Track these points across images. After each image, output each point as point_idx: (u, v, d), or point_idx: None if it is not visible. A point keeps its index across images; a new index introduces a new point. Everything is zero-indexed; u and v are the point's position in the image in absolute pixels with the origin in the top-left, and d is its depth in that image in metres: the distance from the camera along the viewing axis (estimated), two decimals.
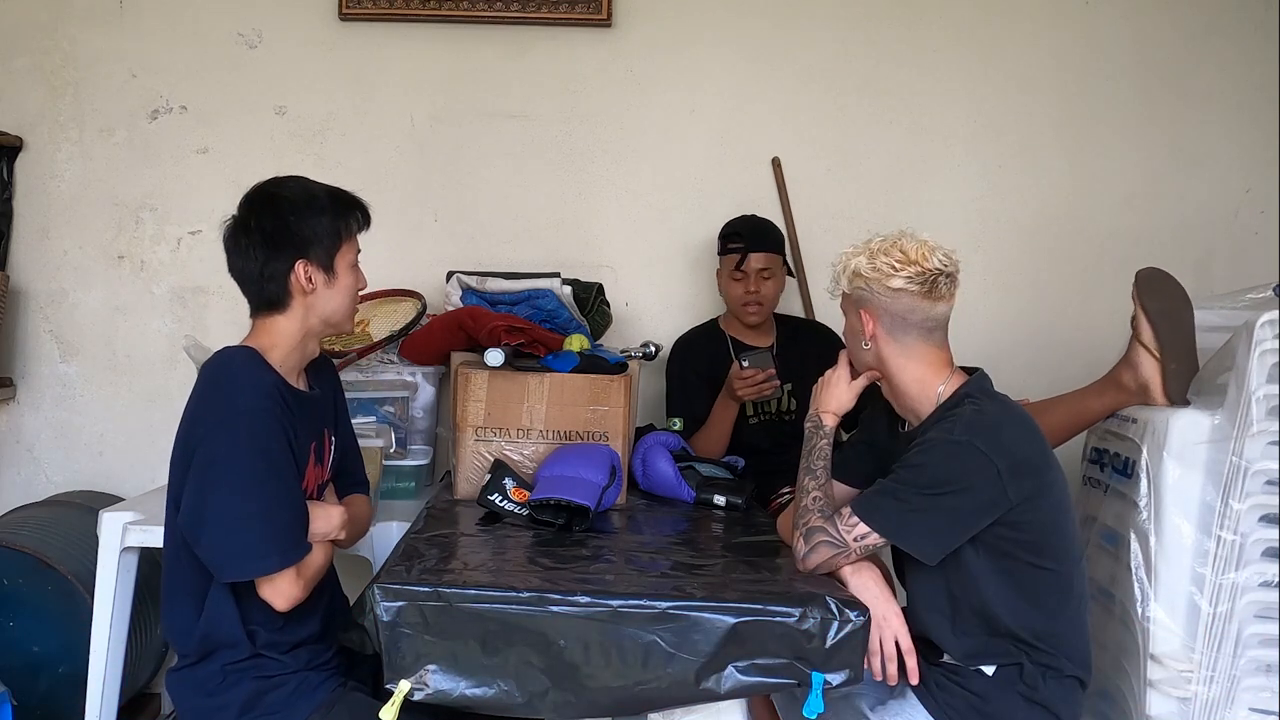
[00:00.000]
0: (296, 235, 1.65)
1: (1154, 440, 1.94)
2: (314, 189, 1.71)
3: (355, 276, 1.74)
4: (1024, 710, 1.66)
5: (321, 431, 1.77)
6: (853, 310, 1.79)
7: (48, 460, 2.96)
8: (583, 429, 2.18)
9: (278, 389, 1.62)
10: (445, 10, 2.89)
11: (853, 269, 1.75)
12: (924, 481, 1.63)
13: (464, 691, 1.49)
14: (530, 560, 1.71)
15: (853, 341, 1.82)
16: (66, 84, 2.93)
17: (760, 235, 2.63)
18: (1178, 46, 2.92)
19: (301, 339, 1.70)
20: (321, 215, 1.67)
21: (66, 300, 2.95)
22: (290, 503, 1.60)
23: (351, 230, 1.72)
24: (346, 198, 1.73)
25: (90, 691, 2.20)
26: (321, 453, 1.76)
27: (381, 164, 2.94)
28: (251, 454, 1.55)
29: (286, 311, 1.68)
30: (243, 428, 1.56)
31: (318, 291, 1.68)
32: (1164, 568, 1.88)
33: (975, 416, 1.66)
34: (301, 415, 1.67)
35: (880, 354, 1.76)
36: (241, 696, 1.61)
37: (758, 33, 2.93)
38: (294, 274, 1.65)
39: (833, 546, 1.66)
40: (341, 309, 1.72)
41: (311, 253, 1.66)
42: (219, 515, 1.54)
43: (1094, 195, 2.93)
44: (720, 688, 1.50)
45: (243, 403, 1.57)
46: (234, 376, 1.61)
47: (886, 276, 1.70)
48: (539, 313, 2.53)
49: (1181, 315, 2.05)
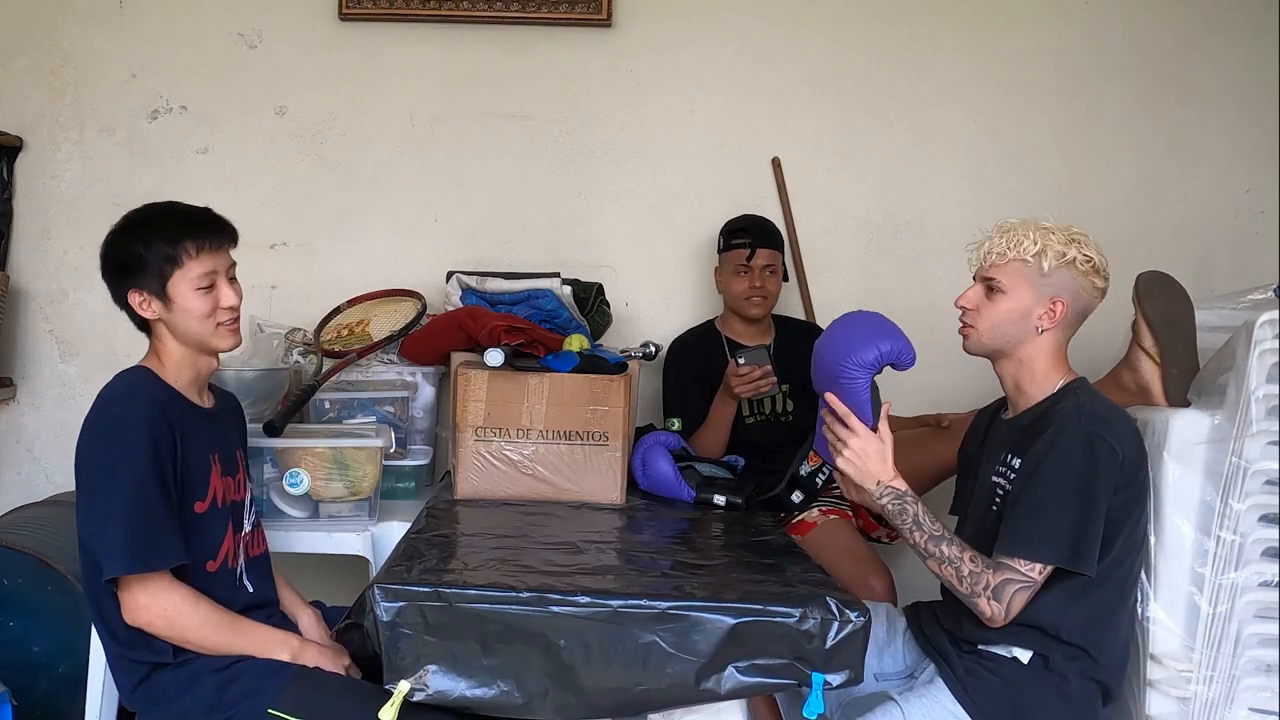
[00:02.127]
0: (122, 265, 1.68)
1: (1154, 440, 1.93)
2: (149, 215, 1.71)
3: (203, 299, 1.67)
4: (1056, 703, 1.66)
5: (228, 447, 1.78)
6: (1038, 293, 1.72)
7: (48, 460, 2.96)
8: (583, 429, 2.18)
9: (159, 403, 1.62)
10: (445, 10, 2.88)
11: (1067, 256, 1.71)
12: (1068, 490, 1.62)
13: (464, 692, 1.49)
14: (530, 560, 1.71)
15: (1017, 323, 1.74)
16: (66, 84, 2.93)
17: (765, 232, 2.65)
18: (1177, 46, 2.93)
19: (181, 357, 1.71)
20: (143, 242, 1.66)
21: (66, 300, 2.95)
22: (148, 509, 1.57)
23: (187, 253, 1.65)
24: (183, 218, 1.70)
25: (90, 691, 2.19)
26: (232, 467, 1.77)
27: (381, 164, 2.94)
28: (115, 460, 1.57)
29: (155, 334, 1.71)
30: (108, 437, 1.59)
31: (164, 317, 1.68)
32: (1164, 568, 1.88)
33: (1096, 405, 1.68)
34: (195, 428, 1.68)
35: (1041, 340, 1.74)
36: (204, 697, 1.59)
37: (758, 32, 2.93)
38: (130, 302, 1.68)
39: (1025, 589, 1.63)
40: (195, 331, 1.69)
41: (141, 281, 1.67)
42: (90, 517, 1.57)
43: (1094, 195, 2.93)
44: (720, 688, 1.50)
45: (113, 412, 1.61)
46: (113, 391, 1.66)
47: (1095, 273, 1.73)
48: (539, 313, 2.53)
49: (1183, 319, 2.05)
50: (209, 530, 1.69)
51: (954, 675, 1.71)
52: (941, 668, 1.75)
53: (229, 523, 1.73)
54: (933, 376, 2.16)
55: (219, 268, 1.70)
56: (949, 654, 1.74)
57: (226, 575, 1.71)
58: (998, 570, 1.63)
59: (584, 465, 2.17)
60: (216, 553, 1.69)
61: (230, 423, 1.86)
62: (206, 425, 1.72)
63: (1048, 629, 1.67)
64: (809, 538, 2.35)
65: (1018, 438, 1.75)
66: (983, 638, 1.71)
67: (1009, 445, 1.77)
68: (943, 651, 1.77)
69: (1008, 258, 1.74)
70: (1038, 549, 1.62)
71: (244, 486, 1.81)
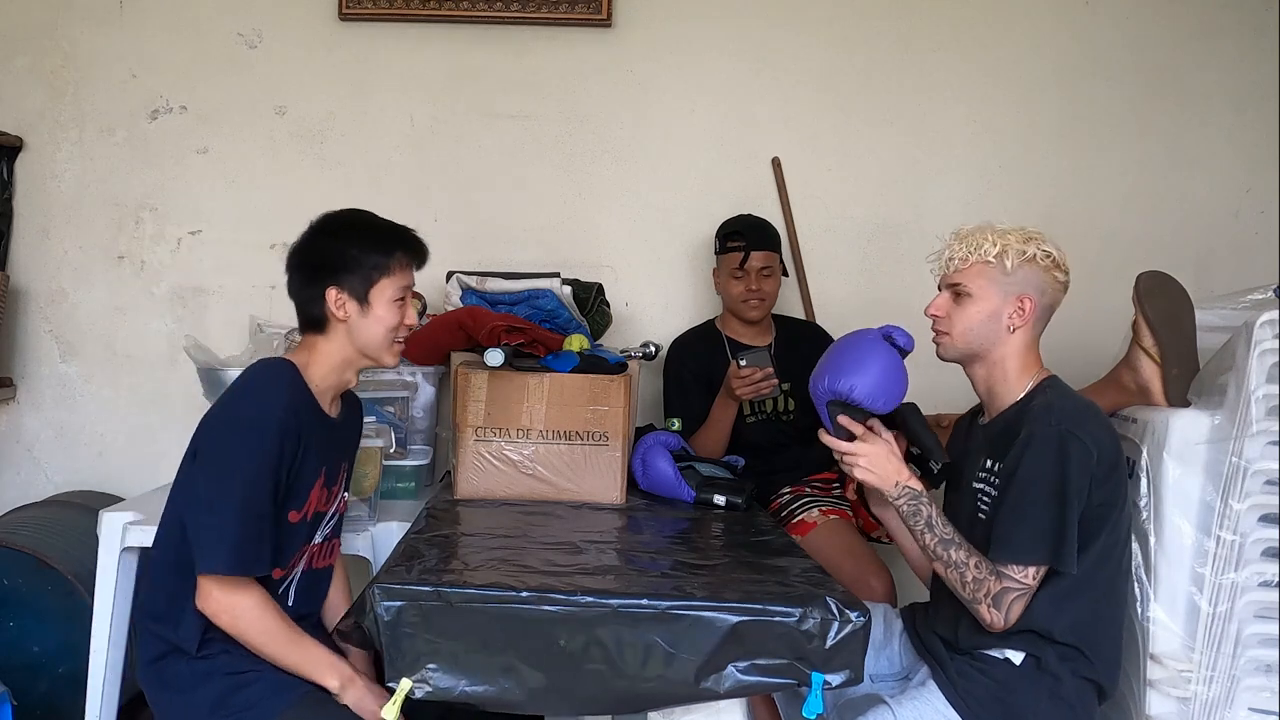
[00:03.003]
0: (328, 262, 1.71)
1: (1154, 440, 1.93)
2: (363, 220, 1.76)
3: (395, 312, 1.73)
4: (1048, 704, 1.66)
5: (336, 460, 1.79)
6: (1004, 292, 1.75)
7: (48, 460, 2.96)
8: (583, 429, 2.18)
9: (294, 408, 1.64)
10: (445, 10, 2.89)
11: (1027, 254, 1.73)
12: (1045, 491, 1.63)
13: (465, 689, 1.49)
14: (530, 560, 1.71)
15: (987, 325, 1.76)
16: (66, 84, 2.93)
17: (760, 233, 2.64)
18: (1177, 46, 2.93)
19: (340, 363, 1.74)
20: (359, 245, 1.71)
21: (66, 300, 2.95)
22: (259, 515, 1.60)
23: (392, 266, 1.72)
24: (395, 234, 1.76)
25: (90, 691, 2.20)
26: (333, 479, 1.78)
27: (381, 164, 2.94)
28: (240, 456, 1.59)
29: (326, 334, 1.74)
30: (241, 430, 1.61)
31: (352, 320, 1.71)
32: (1164, 568, 1.88)
33: (1065, 403, 1.69)
34: (318, 438, 1.69)
35: (1013, 340, 1.76)
36: (212, 695, 1.61)
37: (758, 33, 2.93)
38: (326, 299, 1.70)
39: (1022, 595, 1.64)
40: (375, 341, 1.73)
41: (345, 281, 1.70)
42: (199, 498, 1.60)
43: (1094, 195, 2.94)
44: (720, 688, 1.50)
45: (251, 406, 1.63)
46: (257, 381, 1.67)
47: (1056, 268, 1.75)
48: (539, 313, 2.53)
49: (1183, 319, 2.05)
50: (290, 541, 1.70)
51: (946, 678, 1.71)
52: (935, 670, 1.76)
53: (308, 534, 1.75)
54: (932, 377, 2.16)
55: (409, 286, 1.76)
56: (942, 657, 1.75)
57: (273, 584, 1.70)
58: (999, 578, 1.64)
59: (584, 465, 2.17)
60: (285, 563, 1.71)
61: (348, 434, 1.87)
62: (326, 435, 1.74)
63: (1040, 630, 1.67)
64: (809, 538, 2.35)
65: (995, 442, 1.76)
66: (977, 642, 1.71)
67: (987, 450, 1.78)
68: (936, 654, 1.77)
69: (970, 262, 1.77)
70: (1023, 553, 1.63)
71: (336, 498, 1.83)
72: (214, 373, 2.35)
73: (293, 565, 1.73)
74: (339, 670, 1.63)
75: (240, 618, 1.59)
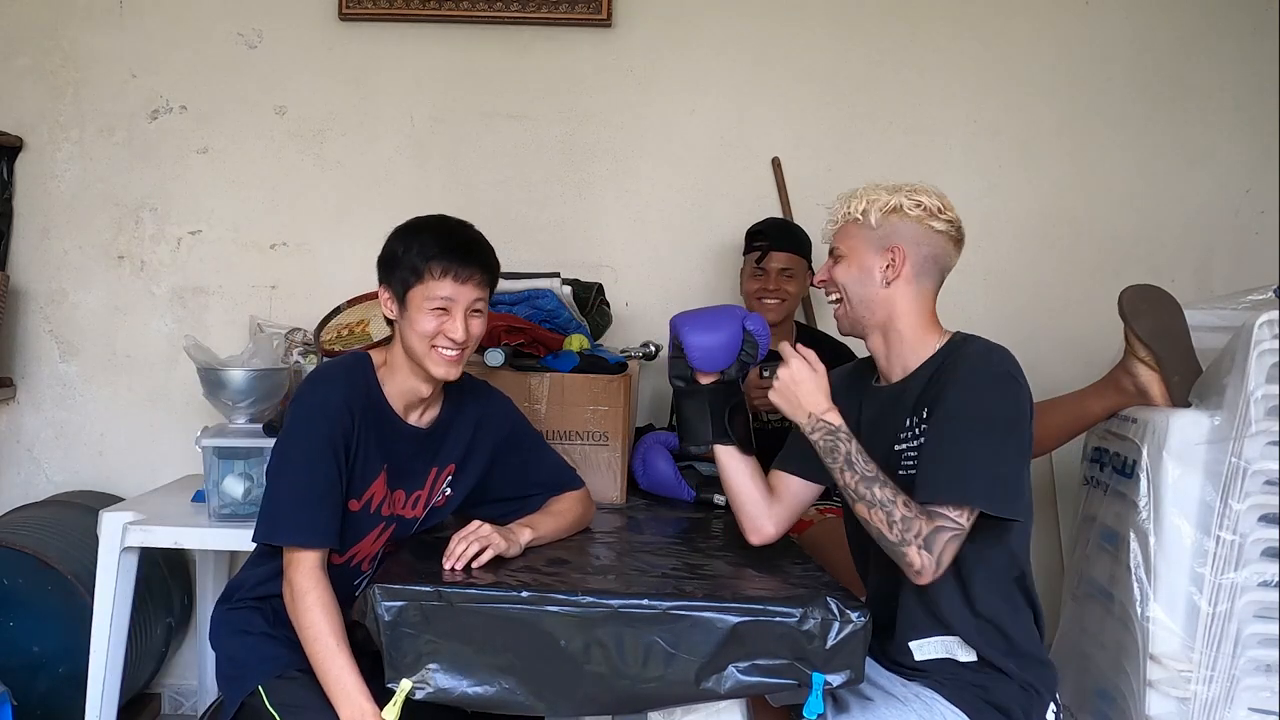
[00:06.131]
0: (384, 259, 1.76)
1: (1154, 440, 1.94)
2: (422, 224, 1.78)
3: (431, 320, 1.70)
4: (1017, 693, 1.62)
5: (419, 462, 1.81)
6: (874, 247, 1.69)
7: (48, 460, 2.96)
8: (583, 429, 2.18)
9: (348, 399, 1.69)
10: (445, 10, 2.88)
11: (890, 204, 1.67)
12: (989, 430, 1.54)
13: (465, 690, 1.49)
14: (531, 560, 1.71)
15: (862, 282, 1.70)
16: (66, 84, 2.93)
17: (785, 235, 2.63)
18: (1178, 46, 2.92)
19: (404, 364, 1.76)
20: (404, 246, 1.73)
21: (66, 300, 2.95)
22: (304, 492, 1.65)
23: (431, 272, 1.70)
24: (445, 240, 1.73)
25: (90, 691, 2.20)
26: (414, 482, 1.80)
27: (381, 164, 2.94)
28: (297, 441, 1.67)
29: (394, 331, 1.79)
30: (301, 417, 1.68)
31: (399, 321, 1.76)
32: (1163, 567, 1.88)
33: (1000, 351, 1.62)
34: (379, 435, 1.73)
35: (894, 296, 1.68)
36: (226, 649, 1.76)
37: (758, 33, 2.93)
38: (380, 294, 1.77)
39: (956, 537, 1.53)
40: (415, 346, 1.73)
41: (390, 280, 1.75)
42: (268, 474, 1.74)
43: (1094, 195, 2.93)
44: (720, 688, 1.50)
45: (315, 394, 1.71)
46: (322, 371, 1.80)
47: (931, 216, 1.67)
48: (539, 313, 2.53)
49: (1174, 329, 2.04)
50: (352, 528, 1.73)
51: (941, 682, 1.68)
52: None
53: (379, 530, 1.78)
54: None
55: (459, 299, 1.72)
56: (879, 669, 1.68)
57: (347, 573, 1.77)
58: (930, 518, 1.53)
59: (584, 465, 2.17)
60: (345, 550, 1.74)
61: (440, 443, 1.85)
62: (389, 433, 1.76)
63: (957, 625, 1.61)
64: (805, 535, 2.35)
65: (918, 398, 1.65)
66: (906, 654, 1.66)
67: (908, 409, 1.66)
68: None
69: (840, 223, 1.75)
70: (963, 492, 1.52)
71: (423, 504, 1.84)
72: (214, 373, 2.35)
73: (363, 559, 1.79)
74: (355, 705, 1.56)
75: (297, 601, 1.62)
